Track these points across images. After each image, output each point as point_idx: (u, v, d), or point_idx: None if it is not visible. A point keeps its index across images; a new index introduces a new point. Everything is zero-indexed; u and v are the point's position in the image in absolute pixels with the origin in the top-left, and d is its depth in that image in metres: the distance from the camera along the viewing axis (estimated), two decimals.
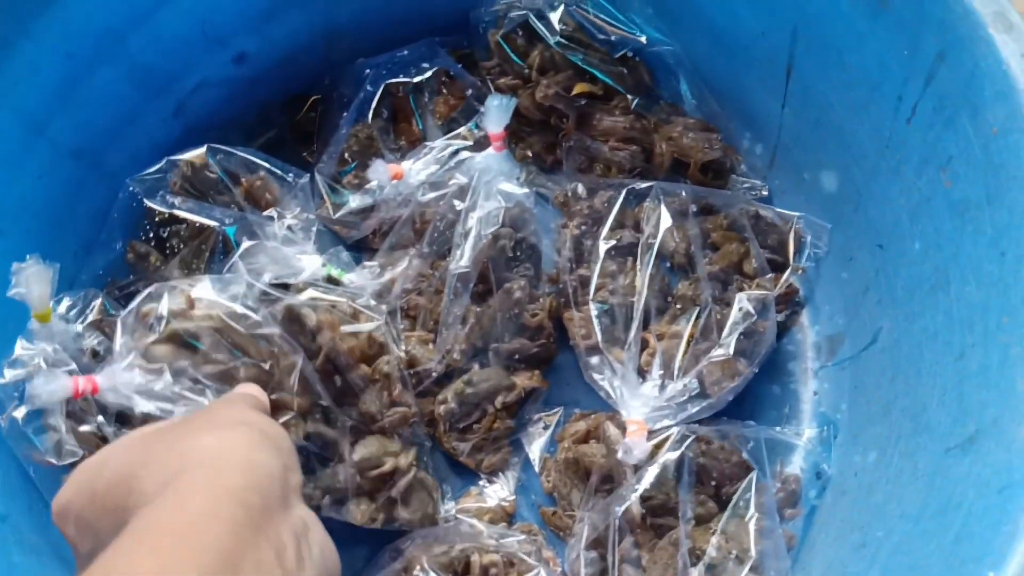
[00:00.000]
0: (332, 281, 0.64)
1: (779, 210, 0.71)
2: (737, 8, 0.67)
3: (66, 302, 0.60)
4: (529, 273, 0.68)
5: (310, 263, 0.64)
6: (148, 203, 0.66)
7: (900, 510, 0.52)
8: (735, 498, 0.59)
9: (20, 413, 0.55)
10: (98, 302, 0.61)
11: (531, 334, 0.67)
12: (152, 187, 0.66)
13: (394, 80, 0.73)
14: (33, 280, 0.54)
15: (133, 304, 0.56)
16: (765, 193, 0.74)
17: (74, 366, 0.57)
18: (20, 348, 0.56)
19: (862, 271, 0.65)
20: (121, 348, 0.55)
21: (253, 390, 0.53)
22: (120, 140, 0.69)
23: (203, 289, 0.56)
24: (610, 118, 0.73)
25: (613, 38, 0.70)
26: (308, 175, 0.69)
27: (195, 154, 0.68)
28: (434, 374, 0.65)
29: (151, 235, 0.68)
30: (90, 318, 0.60)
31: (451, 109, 0.73)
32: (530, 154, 0.76)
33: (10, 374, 0.56)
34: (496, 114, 0.63)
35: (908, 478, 0.53)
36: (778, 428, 0.66)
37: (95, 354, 0.59)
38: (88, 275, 0.67)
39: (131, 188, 0.66)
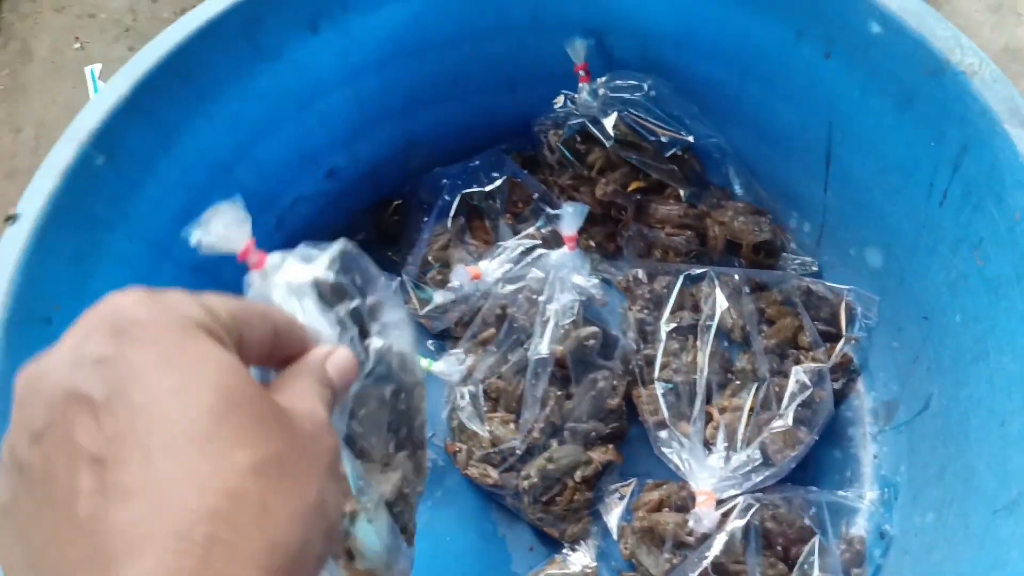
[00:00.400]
0: None
1: (829, 284, 0.75)
2: (775, 106, 0.73)
3: None
4: (606, 352, 0.73)
5: None
6: None
7: (956, 570, 0.55)
8: (800, 560, 0.63)
9: None
10: None
11: (604, 415, 0.73)
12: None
13: (468, 190, 0.81)
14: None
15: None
16: (815, 269, 0.78)
17: None
18: None
19: (911, 341, 0.69)
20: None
21: (351, 366, 0.40)
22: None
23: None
24: (665, 207, 0.79)
25: (664, 139, 0.76)
26: (398, 278, 0.77)
27: None
28: (517, 452, 0.71)
29: None
30: None
31: (520, 211, 0.81)
32: (593, 244, 0.82)
33: None
34: (570, 219, 0.70)
35: (962, 538, 0.56)
36: (840, 492, 0.69)
37: None
38: None
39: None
